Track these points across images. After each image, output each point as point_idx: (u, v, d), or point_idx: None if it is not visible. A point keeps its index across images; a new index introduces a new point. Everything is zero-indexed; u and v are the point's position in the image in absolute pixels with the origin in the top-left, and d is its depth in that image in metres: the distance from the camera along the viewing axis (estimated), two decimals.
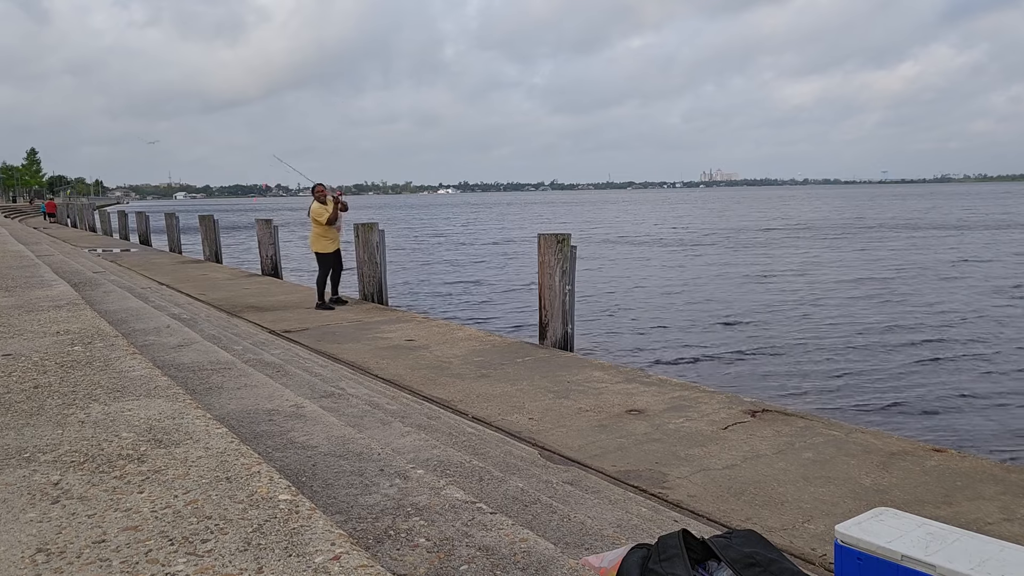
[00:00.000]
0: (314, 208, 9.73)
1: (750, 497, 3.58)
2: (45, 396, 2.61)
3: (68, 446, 2.10)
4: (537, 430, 4.60)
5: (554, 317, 7.26)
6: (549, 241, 7.25)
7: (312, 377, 4.68)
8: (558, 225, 45.52)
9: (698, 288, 16.53)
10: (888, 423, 6.76)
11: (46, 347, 3.44)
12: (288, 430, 2.84)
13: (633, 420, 4.75)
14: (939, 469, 3.86)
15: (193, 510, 1.66)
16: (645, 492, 3.68)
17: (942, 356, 9.59)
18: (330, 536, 1.53)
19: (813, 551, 3.06)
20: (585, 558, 2.17)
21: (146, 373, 2.94)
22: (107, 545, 1.50)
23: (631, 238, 33.69)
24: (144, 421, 2.32)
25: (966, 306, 13.32)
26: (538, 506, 2.67)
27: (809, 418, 4.82)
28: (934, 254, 23.04)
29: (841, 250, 25.14)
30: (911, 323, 11.86)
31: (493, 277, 19.76)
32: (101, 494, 1.76)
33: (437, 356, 6.64)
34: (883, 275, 18.11)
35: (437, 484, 2.33)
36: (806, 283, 16.91)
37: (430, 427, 4.02)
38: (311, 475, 2.39)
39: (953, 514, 3.32)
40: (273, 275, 13.84)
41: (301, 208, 51.13)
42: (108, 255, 18.02)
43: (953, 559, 1.77)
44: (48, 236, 22.82)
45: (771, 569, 1.95)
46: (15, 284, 6.04)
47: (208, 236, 17.53)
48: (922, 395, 7.80)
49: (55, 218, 49.20)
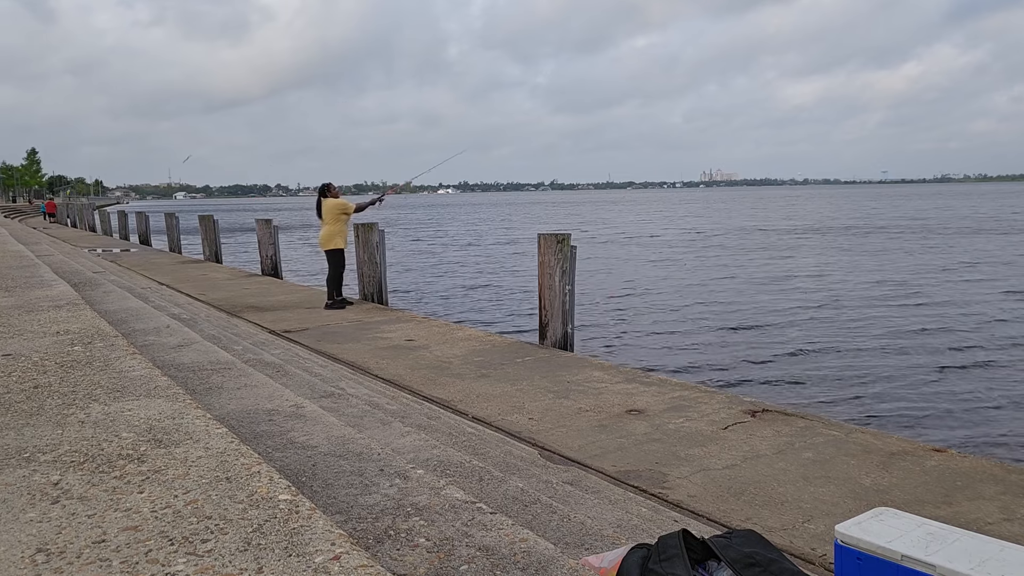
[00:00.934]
0: (335, 203, 9.69)
1: (750, 497, 3.58)
2: (45, 396, 2.61)
3: (68, 446, 2.10)
4: (537, 430, 4.60)
5: (554, 317, 7.26)
6: (549, 241, 7.25)
7: (312, 377, 4.67)
8: (568, 226, 45.44)
9: (699, 288, 16.53)
10: (888, 423, 6.76)
11: (46, 347, 3.44)
12: (288, 430, 2.84)
13: (633, 420, 4.75)
14: (939, 469, 3.86)
15: (193, 510, 1.66)
16: (645, 492, 3.68)
17: (942, 357, 9.59)
18: (330, 536, 1.53)
19: (813, 551, 3.06)
20: (585, 558, 2.17)
21: (146, 373, 2.94)
22: (107, 545, 1.50)
23: (637, 238, 33.70)
24: (144, 421, 2.32)
25: (976, 307, 13.30)
26: (538, 506, 2.67)
27: (809, 418, 4.82)
28: (943, 255, 23.03)
29: (849, 251, 25.13)
30: (913, 324, 11.86)
31: (496, 278, 19.77)
32: (101, 494, 1.76)
33: (437, 356, 6.64)
34: (884, 275, 18.12)
35: (437, 484, 2.33)
36: (807, 283, 16.91)
37: (430, 427, 4.02)
38: (311, 475, 2.39)
39: (953, 514, 3.32)
40: (273, 275, 13.85)
41: (306, 208, 50.80)
42: (108, 255, 18.02)
43: (953, 559, 1.77)
44: (48, 236, 22.82)
45: (771, 569, 1.95)
46: (15, 284, 6.04)
47: (208, 236, 17.53)
48: (922, 395, 7.80)
49: (55, 218, 49.20)
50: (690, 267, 21.04)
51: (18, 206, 76.82)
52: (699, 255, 24.70)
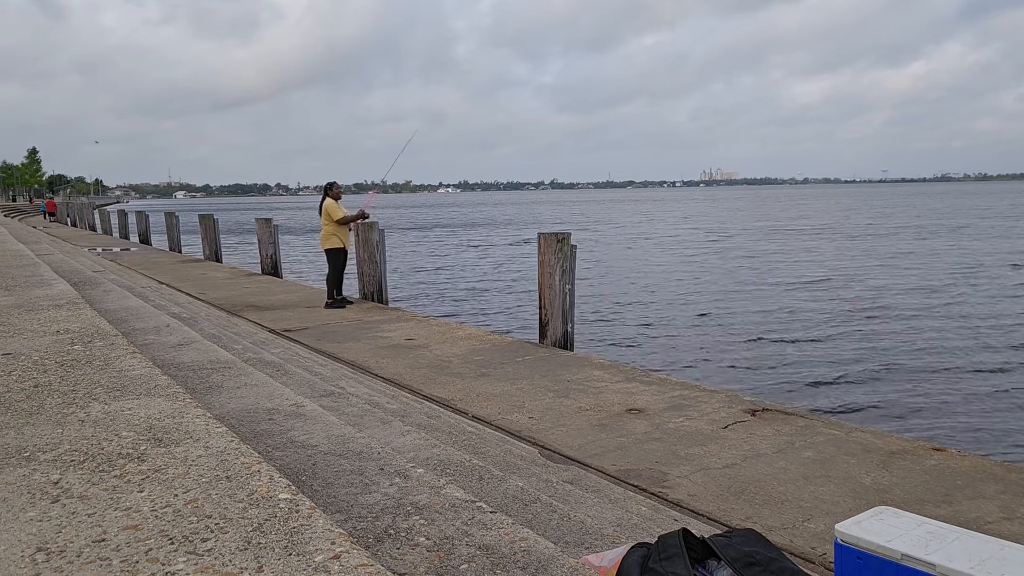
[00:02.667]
0: (329, 205, 9.68)
1: (750, 496, 3.58)
2: (45, 395, 2.61)
3: (68, 445, 2.10)
4: (537, 429, 4.60)
5: (554, 316, 7.26)
6: (549, 240, 7.25)
7: (312, 376, 4.67)
8: (579, 231, 45.15)
9: (699, 288, 16.53)
10: (888, 422, 6.76)
11: (46, 346, 3.44)
12: (288, 429, 2.83)
13: (633, 419, 4.75)
14: (939, 468, 3.86)
15: (193, 509, 1.66)
16: (645, 491, 3.68)
17: (944, 357, 9.58)
18: (330, 535, 1.53)
19: (813, 550, 3.06)
20: (585, 557, 2.17)
21: (146, 372, 2.94)
22: (107, 544, 1.50)
23: (640, 238, 33.64)
24: (144, 420, 2.32)
25: (977, 307, 13.30)
26: (538, 505, 2.67)
27: (809, 417, 4.82)
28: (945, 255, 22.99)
29: (853, 252, 25.08)
30: (914, 325, 11.85)
31: (497, 279, 19.76)
32: (101, 493, 1.76)
33: (437, 355, 6.64)
34: (887, 276, 18.11)
35: (437, 483, 2.33)
36: (807, 284, 16.90)
37: (430, 426, 4.02)
38: (311, 474, 2.39)
39: (953, 513, 3.32)
40: (273, 274, 13.85)
41: (306, 208, 50.50)
42: (108, 254, 18.02)
43: (953, 558, 1.77)
44: (48, 235, 22.81)
45: (771, 568, 1.95)
46: (15, 283, 6.03)
47: (208, 235, 17.53)
48: (922, 395, 7.80)
49: (55, 217, 49.21)
50: (692, 267, 21.02)
51: (18, 205, 76.83)
52: (704, 257, 24.68)
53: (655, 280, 18.03)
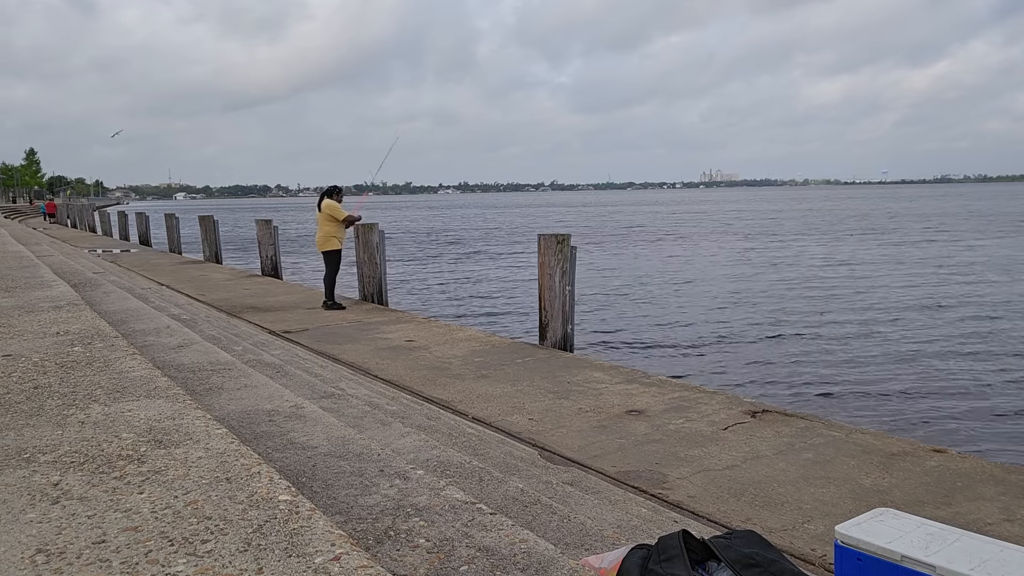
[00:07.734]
0: (329, 205, 9.64)
1: (750, 498, 3.58)
2: (45, 397, 2.61)
3: (68, 447, 2.10)
4: (537, 431, 4.60)
5: (554, 318, 7.26)
6: (549, 242, 7.26)
7: (312, 378, 4.67)
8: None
9: (700, 288, 16.53)
10: (888, 424, 6.75)
11: (46, 348, 3.44)
12: (288, 431, 2.83)
13: (633, 421, 4.75)
14: (939, 470, 3.86)
15: (193, 511, 1.66)
16: (645, 493, 3.67)
17: (944, 357, 9.58)
18: (330, 537, 1.53)
19: (813, 551, 3.06)
20: (585, 559, 2.17)
21: (146, 374, 2.94)
22: (107, 546, 1.50)
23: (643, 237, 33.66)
24: (144, 422, 2.32)
25: (984, 308, 13.29)
26: (538, 507, 2.67)
27: (809, 419, 4.82)
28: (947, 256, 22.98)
29: (856, 251, 25.10)
30: (915, 324, 11.85)
31: (498, 279, 19.76)
32: (101, 495, 1.76)
33: (437, 357, 6.64)
34: (887, 276, 18.11)
35: (437, 485, 2.33)
36: (808, 284, 16.90)
37: (430, 428, 4.02)
38: (311, 476, 2.39)
39: (953, 514, 3.31)
40: (273, 275, 13.85)
41: (306, 209, 50.45)
42: (108, 256, 18.02)
43: (953, 559, 1.76)
44: (48, 237, 22.81)
45: (771, 569, 1.95)
46: (15, 285, 6.04)
47: (208, 237, 17.53)
48: (923, 395, 7.80)
49: (55, 219, 49.22)
50: (693, 267, 21.02)
51: (18, 206, 76.81)
52: (704, 256, 24.68)
53: (655, 280, 18.04)
